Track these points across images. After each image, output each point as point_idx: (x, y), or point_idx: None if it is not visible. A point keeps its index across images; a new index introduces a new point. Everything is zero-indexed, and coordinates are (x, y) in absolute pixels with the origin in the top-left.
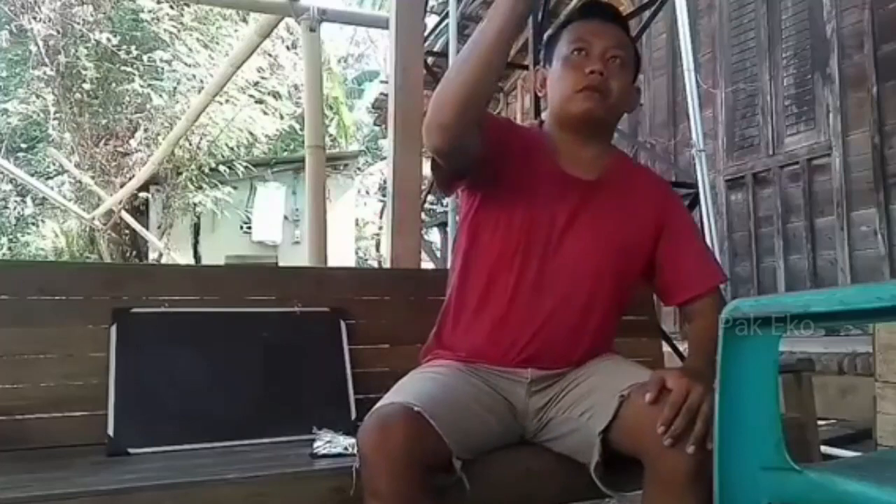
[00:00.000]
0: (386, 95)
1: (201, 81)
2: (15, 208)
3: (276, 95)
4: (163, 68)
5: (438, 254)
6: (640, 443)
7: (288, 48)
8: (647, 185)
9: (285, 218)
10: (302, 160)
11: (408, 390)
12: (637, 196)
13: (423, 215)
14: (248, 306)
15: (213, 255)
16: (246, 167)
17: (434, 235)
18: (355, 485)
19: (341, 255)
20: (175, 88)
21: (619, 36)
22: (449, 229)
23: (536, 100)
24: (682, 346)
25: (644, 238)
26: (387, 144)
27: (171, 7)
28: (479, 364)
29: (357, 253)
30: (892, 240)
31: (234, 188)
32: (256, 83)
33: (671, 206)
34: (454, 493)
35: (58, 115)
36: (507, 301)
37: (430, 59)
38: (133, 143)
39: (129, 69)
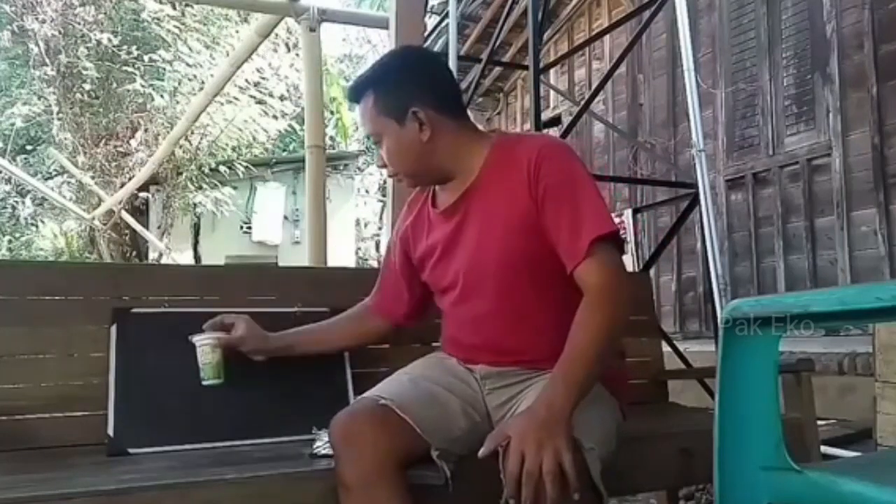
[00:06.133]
0: None
1: (202, 82)
2: (14, 209)
3: (277, 95)
4: (164, 69)
5: None
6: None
7: (288, 48)
8: (521, 159)
9: (285, 218)
10: (302, 160)
11: (381, 387)
12: (513, 176)
13: None
14: (248, 306)
15: (213, 255)
16: (246, 167)
17: None
18: None
19: (341, 255)
20: (176, 89)
21: (364, 118)
22: None
23: (537, 100)
24: (683, 347)
25: (526, 213)
26: None
27: (173, 7)
28: (453, 357)
29: (357, 253)
30: (892, 240)
31: (234, 188)
32: (257, 83)
33: (541, 170)
34: (440, 490)
35: (59, 115)
36: (451, 316)
37: None
38: (133, 143)
39: (129, 69)
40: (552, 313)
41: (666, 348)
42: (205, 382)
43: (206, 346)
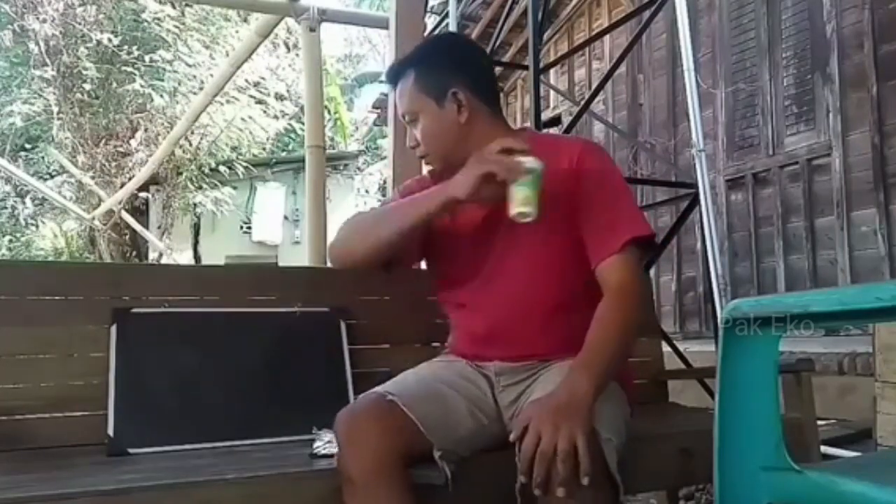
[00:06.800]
0: (386, 95)
1: (202, 82)
2: (14, 209)
3: (276, 95)
4: (164, 69)
5: None
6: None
7: (288, 48)
8: (562, 156)
9: (285, 218)
10: (302, 160)
11: (388, 384)
12: (555, 173)
13: None
14: (248, 306)
15: (213, 255)
16: (246, 167)
17: None
18: None
19: None
20: (175, 89)
21: (403, 96)
22: None
23: (537, 100)
24: (683, 347)
25: (563, 210)
26: (387, 144)
27: (173, 7)
28: (461, 360)
29: None
30: (892, 240)
31: (234, 188)
32: (257, 83)
33: (584, 170)
34: (441, 490)
35: (59, 115)
36: (466, 305)
37: None
38: (133, 143)
39: (129, 69)
40: (571, 309)
41: (666, 348)
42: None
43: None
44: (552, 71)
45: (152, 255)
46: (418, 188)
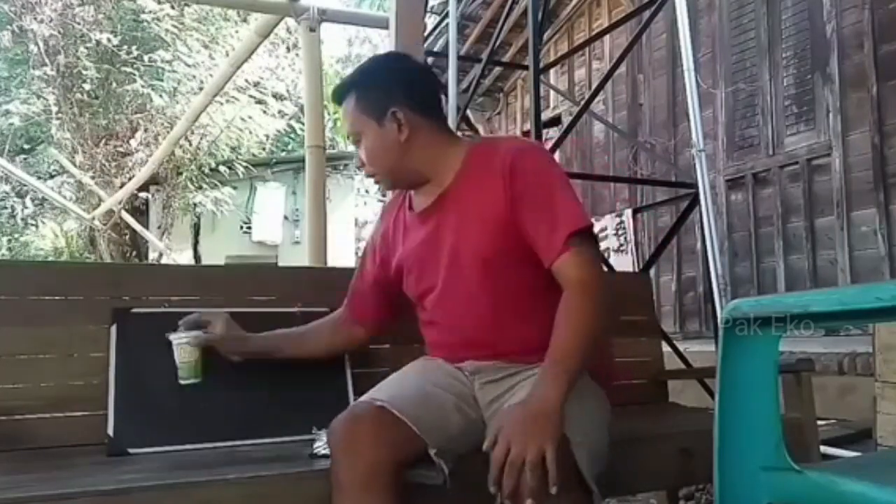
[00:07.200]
0: None
1: (201, 82)
2: (14, 209)
3: (276, 95)
4: (163, 69)
5: None
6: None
7: (288, 48)
8: (496, 162)
9: (285, 218)
10: (302, 160)
11: (379, 388)
12: (489, 178)
13: None
14: (248, 306)
15: (213, 255)
16: (246, 167)
17: None
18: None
19: (341, 255)
20: (175, 89)
21: (346, 117)
22: None
23: (537, 100)
24: (683, 347)
25: (501, 213)
26: None
27: (172, 7)
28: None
29: (357, 253)
30: (892, 240)
31: (234, 188)
32: (257, 83)
33: (517, 171)
34: (439, 489)
35: (59, 115)
36: (432, 320)
37: (429, 59)
38: (133, 143)
39: (129, 69)
40: (530, 310)
41: (666, 348)
42: (182, 381)
43: (183, 345)
44: (552, 71)
45: (152, 255)
46: (384, 223)
